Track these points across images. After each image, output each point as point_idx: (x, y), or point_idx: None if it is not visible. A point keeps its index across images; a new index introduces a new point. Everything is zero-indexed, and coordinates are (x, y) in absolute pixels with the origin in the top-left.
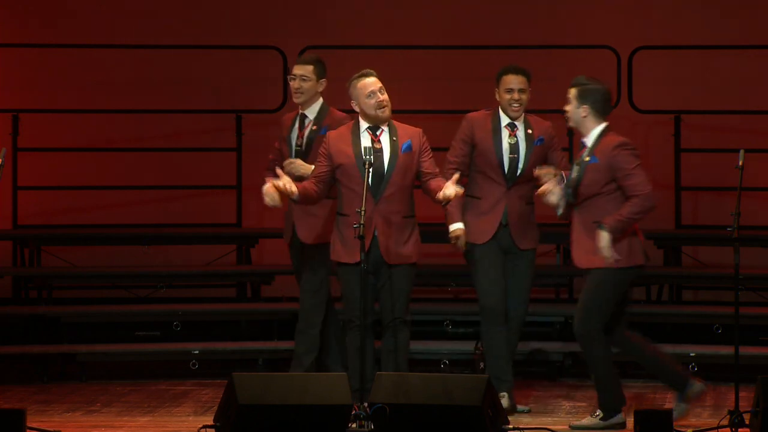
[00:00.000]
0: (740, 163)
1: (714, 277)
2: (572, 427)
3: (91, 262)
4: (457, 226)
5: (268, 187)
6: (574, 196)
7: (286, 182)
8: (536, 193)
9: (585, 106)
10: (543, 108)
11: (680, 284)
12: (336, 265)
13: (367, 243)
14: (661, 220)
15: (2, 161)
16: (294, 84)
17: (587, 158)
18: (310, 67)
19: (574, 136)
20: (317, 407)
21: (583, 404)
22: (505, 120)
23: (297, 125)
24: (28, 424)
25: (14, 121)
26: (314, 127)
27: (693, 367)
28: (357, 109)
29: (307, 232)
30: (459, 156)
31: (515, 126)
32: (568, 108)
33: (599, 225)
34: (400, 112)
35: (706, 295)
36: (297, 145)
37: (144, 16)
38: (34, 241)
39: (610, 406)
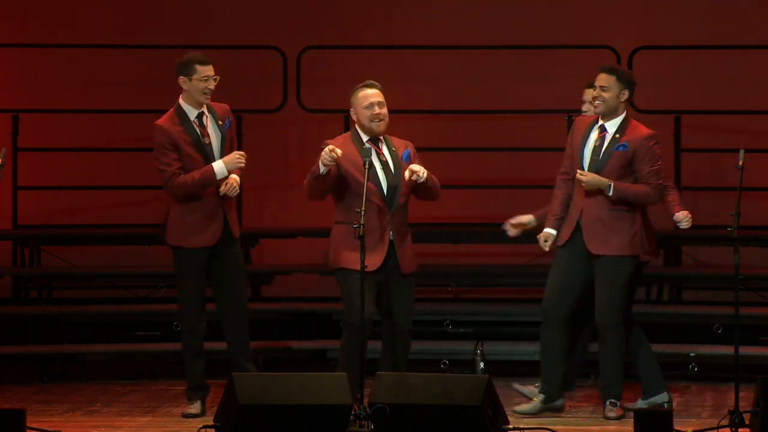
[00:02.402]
0: (740, 163)
1: (714, 277)
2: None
3: (91, 262)
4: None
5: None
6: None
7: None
8: None
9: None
10: (544, 108)
11: (680, 284)
12: (336, 270)
13: (383, 254)
14: (661, 220)
15: (2, 161)
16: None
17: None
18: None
19: None
20: (317, 407)
21: (583, 404)
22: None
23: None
24: (28, 424)
25: (14, 121)
26: (220, 122)
27: (693, 367)
28: (354, 117)
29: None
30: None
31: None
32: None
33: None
34: (401, 112)
35: (706, 295)
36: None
37: (144, 16)
38: (34, 241)
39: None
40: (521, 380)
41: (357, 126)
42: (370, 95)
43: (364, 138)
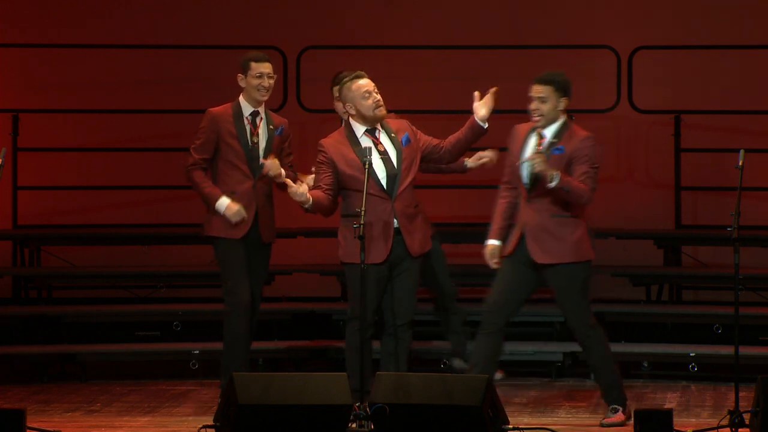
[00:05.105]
0: (740, 163)
1: (714, 277)
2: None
3: (91, 262)
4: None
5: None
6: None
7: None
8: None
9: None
10: None
11: (680, 284)
12: (342, 264)
13: (388, 244)
14: (661, 220)
15: (2, 161)
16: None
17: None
18: None
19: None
20: (317, 407)
21: (583, 404)
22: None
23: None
24: (28, 424)
25: (14, 121)
26: (271, 127)
27: (693, 367)
28: (352, 111)
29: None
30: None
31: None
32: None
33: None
34: (401, 112)
35: (706, 295)
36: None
37: (144, 17)
38: (34, 241)
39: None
40: (522, 380)
41: (354, 119)
42: (364, 84)
43: (361, 130)
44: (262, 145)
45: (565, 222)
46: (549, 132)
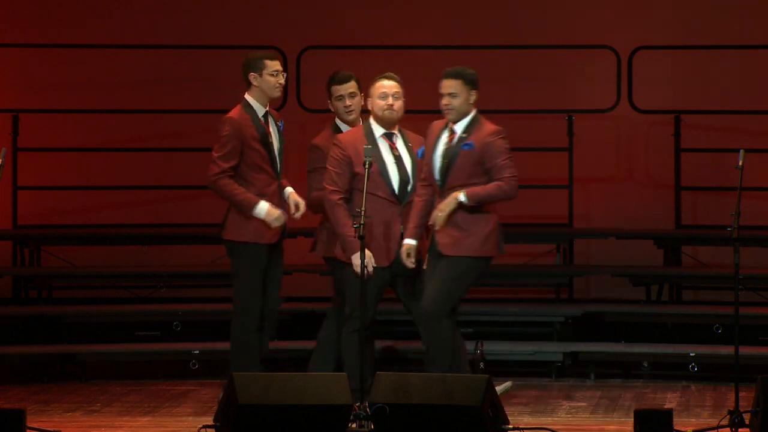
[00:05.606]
0: (740, 163)
1: (714, 277)
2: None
3: (91, 262)
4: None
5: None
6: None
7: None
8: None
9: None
10: (543, 108)
11: (680, 284)
12: (343, 264)
13: (391, 249)
14: (661, 220)
15: (2, 161)
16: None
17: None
18: None
19: (573, 136)
20: (317, 407)
21: (583, 404)
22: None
23: None
24: (28, 424)
25: (14, 121)
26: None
27: (693, 367)
28: (369, 107)
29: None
30: None
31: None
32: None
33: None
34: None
35: (706, 295)
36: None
37: (144, 17)
38: (34, 241)
39: None
40: (521, 380)
41: (372, 118)
42: (386, 86)
43: (379, 131)
44: (276, 144)
45: (476, 217)
46: (459, 127)
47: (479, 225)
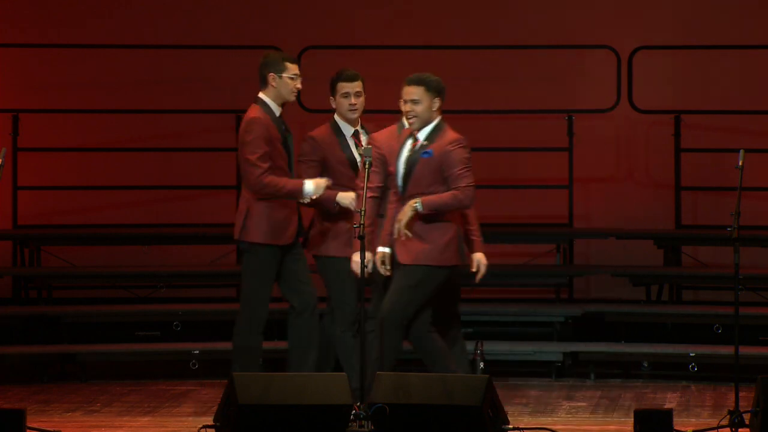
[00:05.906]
0: (740, 163)
1: (714, 277)
2: None
3: (91, 262)
4: None
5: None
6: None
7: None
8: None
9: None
10: (543, 108)
11: (680, 284)
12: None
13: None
14: (661, 220)
15: (2, 161)
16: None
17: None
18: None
19: (573, 136)
20: (317, 407)
21: (583, 404)
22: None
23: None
24: (28, 424)
25: (14, 121)
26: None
27: (693, 367)
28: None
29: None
30: None
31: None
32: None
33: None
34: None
35: (706, 295)
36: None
37: (144, 17)
38: (34, 241)
39: None
40: (522, 380)
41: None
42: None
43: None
44: (289, 143)
45: (434, 226)
46: (422, 134)
47: (437, 234)
